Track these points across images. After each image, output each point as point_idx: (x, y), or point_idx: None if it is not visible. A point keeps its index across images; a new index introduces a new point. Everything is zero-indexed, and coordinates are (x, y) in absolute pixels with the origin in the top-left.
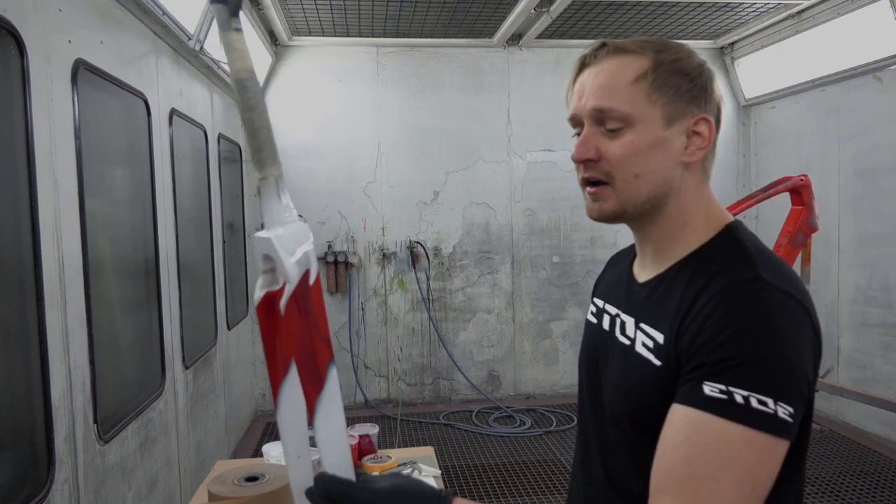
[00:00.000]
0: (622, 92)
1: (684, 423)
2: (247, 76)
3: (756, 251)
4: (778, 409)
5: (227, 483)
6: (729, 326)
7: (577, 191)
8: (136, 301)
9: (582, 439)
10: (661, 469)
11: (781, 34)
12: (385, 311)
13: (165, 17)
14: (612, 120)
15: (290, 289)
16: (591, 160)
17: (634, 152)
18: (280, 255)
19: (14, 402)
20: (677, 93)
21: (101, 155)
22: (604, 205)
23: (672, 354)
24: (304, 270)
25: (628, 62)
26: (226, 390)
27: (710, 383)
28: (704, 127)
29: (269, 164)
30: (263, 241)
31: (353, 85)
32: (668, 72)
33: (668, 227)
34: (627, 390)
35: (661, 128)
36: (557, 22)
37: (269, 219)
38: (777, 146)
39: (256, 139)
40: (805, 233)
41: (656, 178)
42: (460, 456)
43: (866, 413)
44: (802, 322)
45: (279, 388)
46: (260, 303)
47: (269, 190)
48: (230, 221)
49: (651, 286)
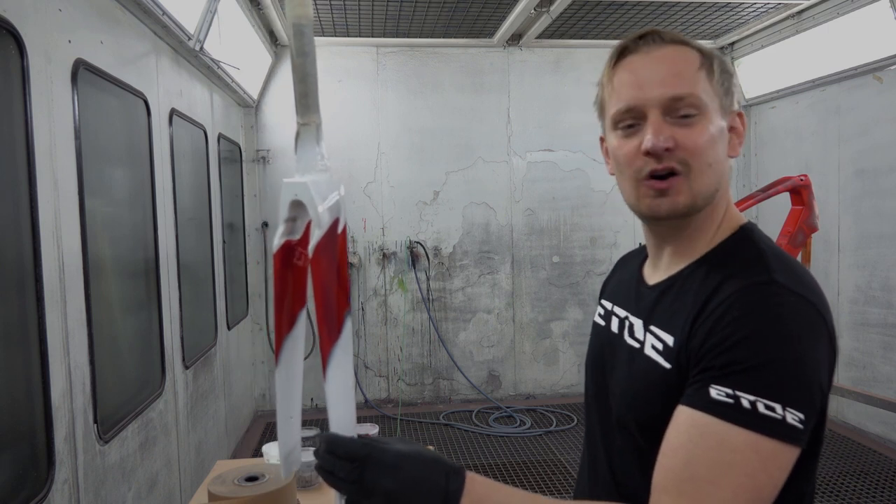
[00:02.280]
0: (693, 78)
1: (688, 424)
2: (305, 23)
3: (772, 253)
4: (786, 415)
5: (227, 483)
6: (740, 329)
7: (578, 191)
8: (136, 301)
9: (588, 442)
10: (662, 469)
11: (781, 34)
12: (385, 311)
13: (165, 17)
14: (688, 107)
15: (319, 234)
16: (668, 149)
17: (710, 140)
18: (314, 200)
19: (14, 402)
20: (723, 86)
21: (101, 155)
22: (677, 198)
23: (682, 356)
24: (334, 218)
25: (686, 51)
26: (226, 390)
27: (717, 386)
28: (740, 122)
29: (313, 111)
30: (297, 185)
31: (353, 85)
32: (719, 65)
33: (699, 223)
34: (635, 394)
35: (720, 118)
36: (557, 22)
37: (303, 165)
38: (777, 146)
39: (305, 84)
40: (805, 233)
41: (723, 168)
42: (460, 456)
43: (866, 413)
44: (817, 326)
45: (282, 344)
46: (277, 251)
47: (309, 136)
48: (230, 221)
49: (662, 288)
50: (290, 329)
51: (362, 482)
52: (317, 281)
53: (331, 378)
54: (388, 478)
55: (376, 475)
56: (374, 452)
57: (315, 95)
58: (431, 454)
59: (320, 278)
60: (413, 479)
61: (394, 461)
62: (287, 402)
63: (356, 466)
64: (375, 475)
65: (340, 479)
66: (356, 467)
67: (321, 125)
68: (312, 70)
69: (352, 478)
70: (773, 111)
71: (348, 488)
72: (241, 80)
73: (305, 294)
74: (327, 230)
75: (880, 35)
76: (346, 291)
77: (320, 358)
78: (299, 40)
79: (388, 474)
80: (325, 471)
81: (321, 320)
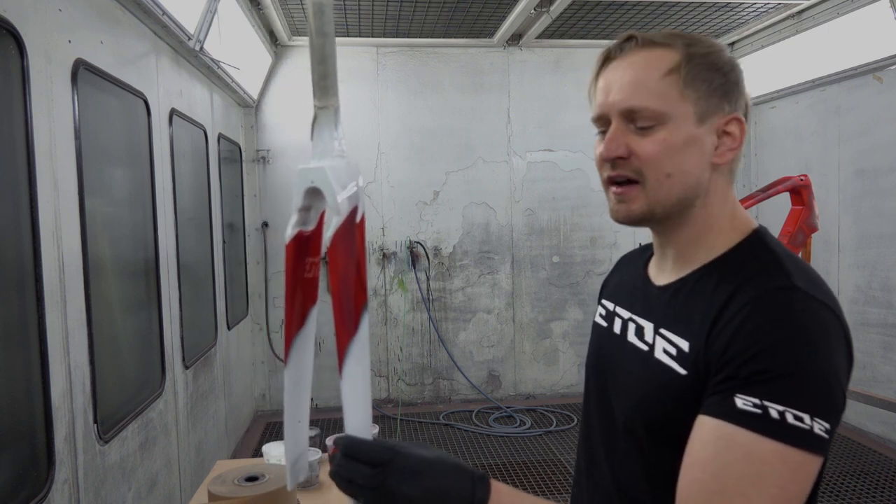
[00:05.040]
0: (653, 88)
1: (714, 436)
2: (326, 2)
3: (787, 258)
4: (814, 425)
5: (227, 483)
6: (763, 337)
7: (578, 191)
8: (136, 301)
9: (586, 446)
10: (688, 482)
11: (781, 34)
12: (385, 311)
13: (165, 17)
14: (644, 118)
15: (337, 221)
16: (621, 157)
17: (668, 150)
18: (333, 186)
19: (14, 402)
20: (709, 88)
21: (101, 155)
22: (631, 206)
23: (701, 363)
24: (353, 206)
25: (658, 55)
26: (226, 390)
27: (743, 396)
28: (736, 127)
29: (332, 94)
30: (313, 171)
31: (353, 85)
32: (700, 66)
33: (693, 230)
34: (645, 397)
35: (693, 125)
36: (557, 22)
37: (320, 150)
38: (777, 146)
39: (324, 66)
40: (805, 233)
41: (688, 178)
42: (460, 456)
43: (866, 413)
44: (837, 333)
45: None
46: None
47: (327, 119)
48: (230, 221)
49: (672, 290)
50: (301, 327)
51: (384, 489)
52: (333, 272)
53: (347, 376)
54: (411, 484)
55: (399, 481)
56: (398, 458)
57: (334, 77)
58: (455, 460)
59: (337, 269)
60: (438, 487)
61: (418, 467)
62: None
63: (378, 472)
64: (398, 481)
65: (359, 485)
66: (378, 473)
67: (339, 109)
68: (332, 51)
69: (373, 484)
70: (773, 111)
71: (368, 495)
72: (241, 80)
73: (317, 291)
74: (346, 218)
75: (880, 35)
76: (364, 284)
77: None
78: (319, 20)
79: (411, 481)
80: (343, 478)
81: (338, 314)
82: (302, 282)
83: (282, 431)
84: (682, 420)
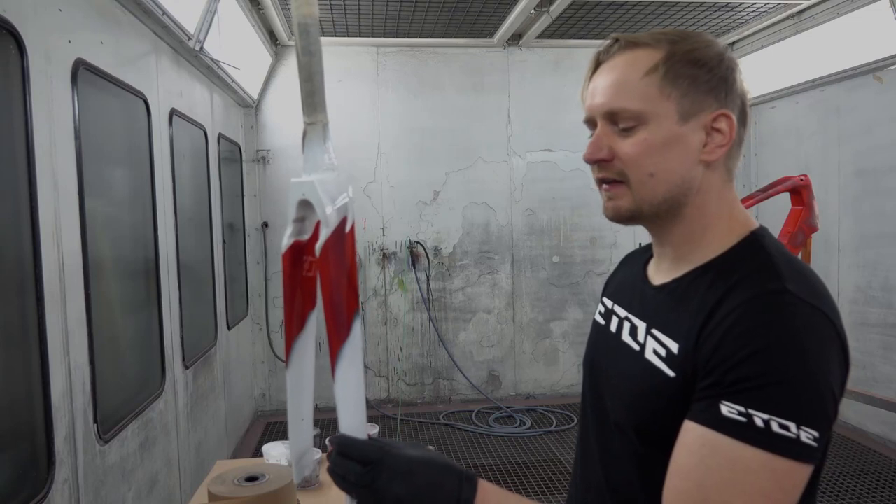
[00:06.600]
0: (633, 88)
1: (699, 444)
2: (311, 21)
3: (784, 260)
4: (801, 434)
5: (227, 483)
6: (751, 342)
7: (578, 191)
8: (136, 301)
9: (582, 443)
10: (673, 491)
11: (781, 34)
12: (385, 311)
13: (165, 17)
14: (624, 119)
15: (326, 233)
16: (603, 160)
17: (648, 150)
18: (321, 199)
19: (14, 402)
20: (693, 85)
21: (101, 155)
22: (619, 203)
23: (689, 366)
24: (342, 217)
25: (640, 56)
26: (226, 390)
27: (729, 403)
28: (724, 123)
29: (319, 110)
30: (304, 184)
31: (353, 85)
32: (682, 63)
33: (687, 229)
34: (634, 398)
35: (675, 123)
36: (557, 22)
37: (310, 165)
38: (777, 146)
39: (311, 83)
40: (805, 233)
41: (672, 177)
42: (460, 456)
43: (866, 413)
44: (830, 338)
45: (292, 346)
46: (286, 251)
47: (316, 135)
48: (230, 221)
49: (666, 291)
50: (300, 331)
51: (374, 486)
52: (325, 280)
53: (340, 379)
54: (400, 483)
55: (389, 480)
56: (388, 457)
57: (322, 94)
58: (444, 460)
59: (328, 277)
60: (426, 486)
61: (407, 466)
62: (298, 404)
63: (369, 470)
64: (388, 480)
65: (351, 482)
66: (369, 471)
67: (328, 124)
68: (319, 69)
69: (364, 482)
70: (773, 111)
71: (359, 492)
72: (241, 80)
73: (315, 295)
74: (335, 229)
75: (880, 35)
76: (355, 291)
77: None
78: (305, 39)
79: (400, 479)
80: (337, 474)
81: (330, 320)
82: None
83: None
84: (671, 422)
